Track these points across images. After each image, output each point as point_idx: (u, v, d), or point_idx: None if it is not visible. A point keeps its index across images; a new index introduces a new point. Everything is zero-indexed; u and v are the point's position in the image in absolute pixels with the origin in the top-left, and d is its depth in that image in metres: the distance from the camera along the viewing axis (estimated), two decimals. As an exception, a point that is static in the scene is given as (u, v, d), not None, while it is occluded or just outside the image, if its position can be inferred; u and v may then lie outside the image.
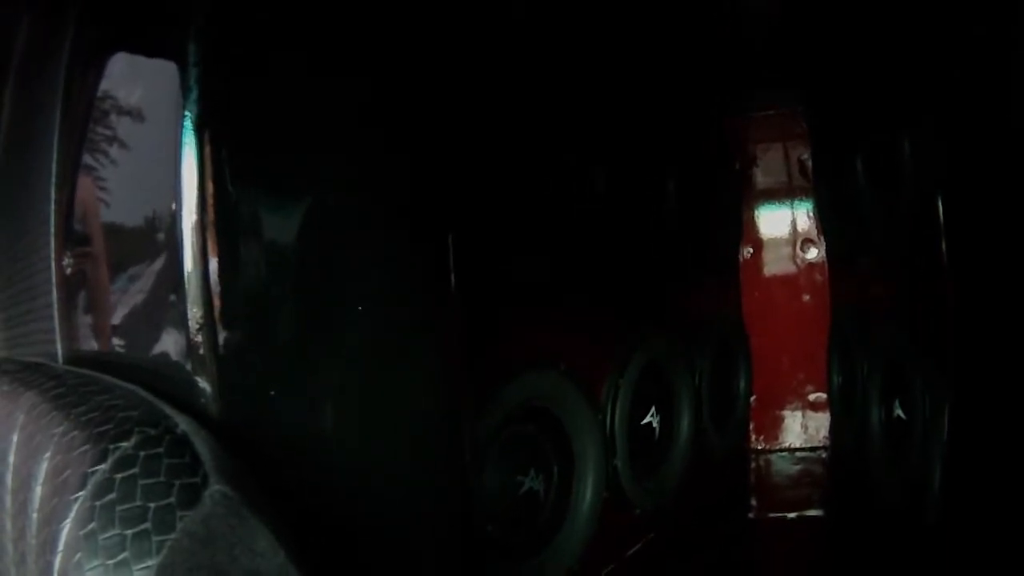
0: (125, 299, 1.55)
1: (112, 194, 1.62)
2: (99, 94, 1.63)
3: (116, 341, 1.61)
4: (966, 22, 2.43)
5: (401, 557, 1.76)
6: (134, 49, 1.60)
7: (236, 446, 1.22)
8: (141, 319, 1.52)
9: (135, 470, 1.06)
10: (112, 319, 1.61)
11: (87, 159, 1.64)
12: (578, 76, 2.97)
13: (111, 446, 1.09)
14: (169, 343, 1.42)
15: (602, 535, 2.86)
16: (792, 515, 4.19)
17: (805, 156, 4.48)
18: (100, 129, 1.62)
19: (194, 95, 1.38)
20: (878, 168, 3.29)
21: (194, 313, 1.35)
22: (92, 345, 1.66)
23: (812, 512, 4.19)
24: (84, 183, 1.66)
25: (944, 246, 2.51)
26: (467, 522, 2.15)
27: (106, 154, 1.62)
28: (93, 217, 1.67)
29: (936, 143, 2.66)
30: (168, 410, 1.21)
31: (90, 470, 1.07)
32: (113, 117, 1.60)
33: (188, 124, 1.37)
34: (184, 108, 1.38)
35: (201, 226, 1.36)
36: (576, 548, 2.75)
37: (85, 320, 1.69)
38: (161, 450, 1.08)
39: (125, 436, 1.11)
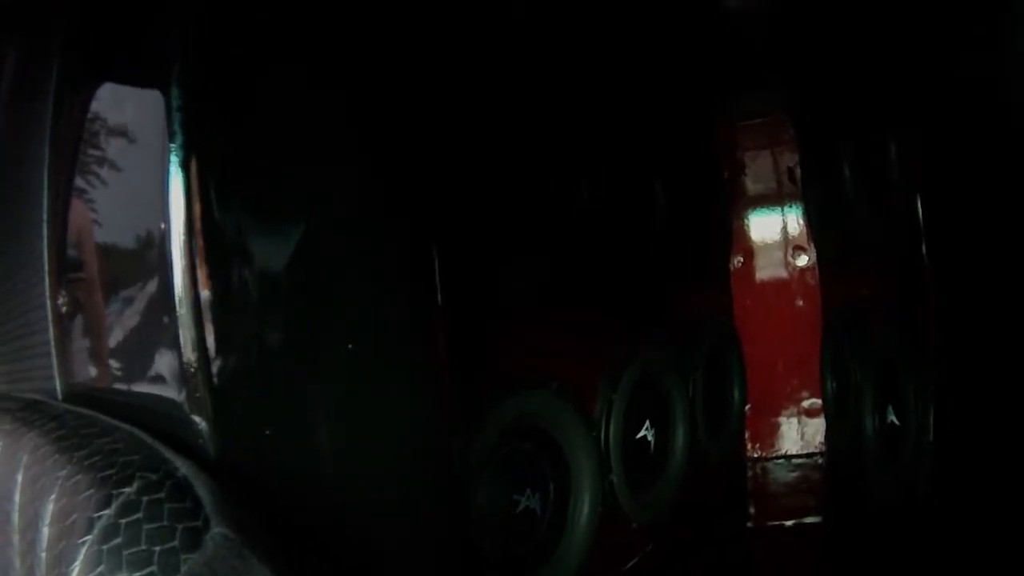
0: (120, 336, 1.56)
1: (104, 227, 1.62)
2: (87, 123, 1.63)
3: (113, 379, 1.62)
4: (950, 27, 2.45)
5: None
6: (120, 75, 1.60)
7: (234, 485, 1.24)
8: (136, 357, 1.53)
9: (139, 515, 1.08)
10: (108, 357, 1.62)
11: (77, 191, 1.64)
12: (568, 86, 2.98)
13: (115, 491, 1.12)
14: (164, 383, 1.43)
15: (600, 550, 2.86)
16: (790, 523, 4.20)
17: (794, 163, 4.48)
18: (90, 159, 1.61)
19: (179, 120, 1.39)
20: (866, 172, 3.31)
21: (188, 354, 1.36)
22: (90, 383, 1.67)
23: (810, 519, 4.20)
24: (75, 216, 1.66)
25: (931, 249, 2.52)
26: (464, 542, 2.17)
27: (96, 185, 1.61)
28: (86, 251, 1.66)
29: (924, 146, 2.67)
30: (168, 454, 1.23)
31: (96, 515, 1.09)
32: (102, 146, 1.60)
33: (174, 150, 1.38)
34: (170, 134, 1.39)
35: (190, 256, 1.37)
36: (574, 564, 2.76)
37: (82, 357, 1.69)
38: (163, 495, 1.11)
39: (128, 481, 1.13)
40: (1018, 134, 2.18)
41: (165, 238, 1.38)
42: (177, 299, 1.37)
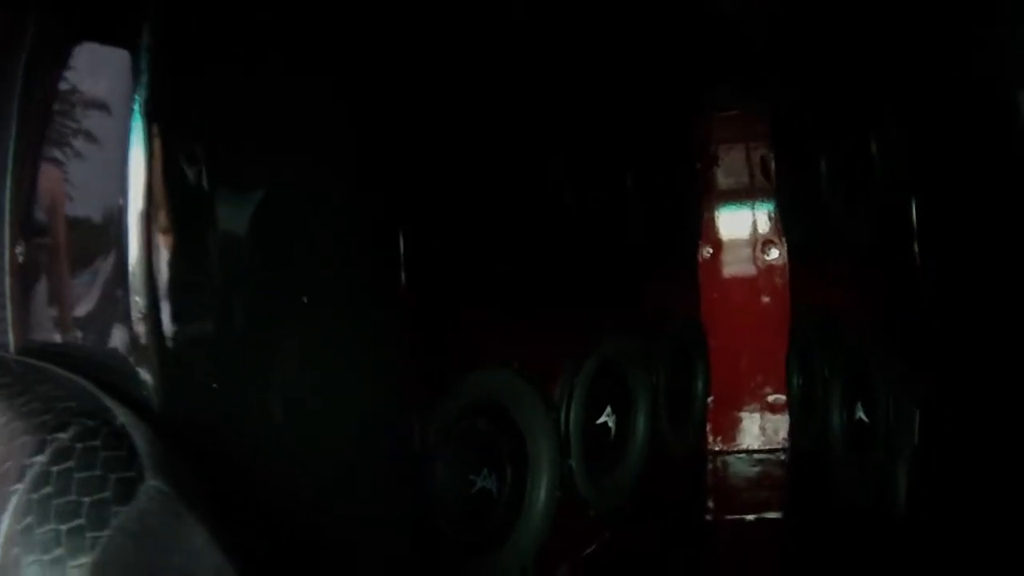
0: (75, 290, 1.54)
1: (67, 185, 1.61)
2: (58, 85, 1.62)
3: (65, 332, 1.59)
4: (933, 19, 2.44)
5: (350, 555, 1.75)
6: (91, 38, 1.58)
7: (177, 440, 1.21)
8: (89, 310, 1.50)
9: (71, 463, 1.05)
10: (62, 310, 1.60)
11: (44, 150, 1.63)
12: (537, 71, 2.96)
13: (49, 437, 1.08)
14: (114, 334, 1.41)
15: (557, 535, 2.84)
16: (751, 517, 4.18)
17: (767, 157, 4.48)
18: (58, 120, 1.61)
19: (145, 85, 1.38)
20: (843, 168, 3.30)
21: (137, 304, 1.35)
22: (42, 335, 1.64)
23: (771, 514, 4.19)
24: (40, 173, 1.65)
25: (918, 246, 2.51)
26: (418, 520, 2.14)
27: (63, 145, 1.60)
28: (47, 207, 1.66)
29: (907, 141, 2.66)
30: (108, 402, 1.19)
31: (28, 461, 1.06)
32: (71, 108, 1.59)
33: (138, 115, 1.37)
34: (134, 98, 1.38)
35: (147, 217, 1.36)
36: (530, 548, 2.74)
37: (36, 310, 1.67)
38: (98, 443, 1.07)
39: (63, 427, 1.10)
40: (1001, 131, 2.17)
41: (124, 195, 1.37)
42: (131, 254, 1.36)
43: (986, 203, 2.22)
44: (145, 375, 1.34)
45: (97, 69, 1.54)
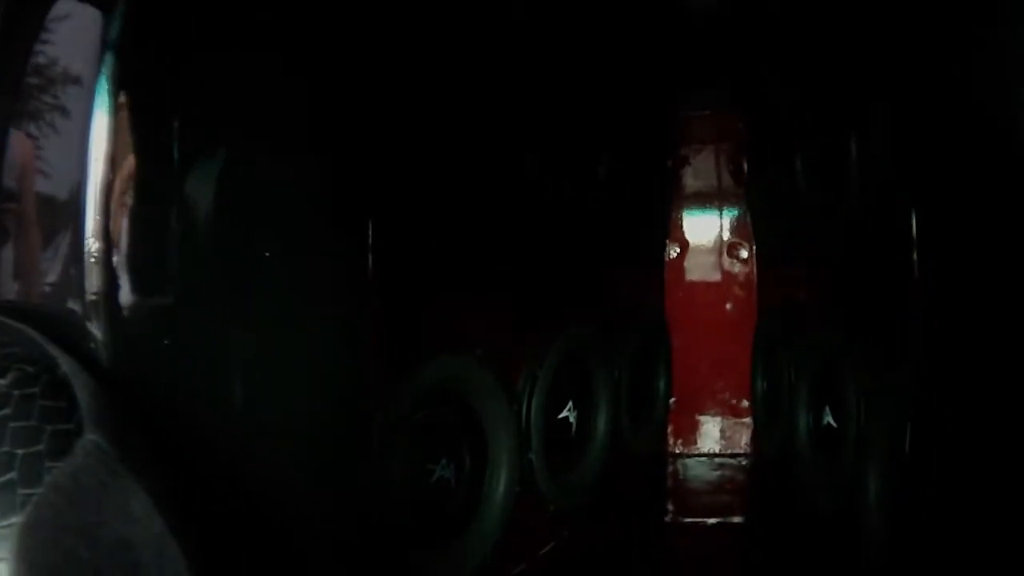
0: (30, 245, 1.51)
1: (31, 147, 1.57)
2: (32, 53, 1.58)
3: (19, 285, 1.55)
4: (914, 21, 2.43)
5: (299, 536, 1.71)
6: (59, 9, 1.55)
7: (122, 395, 1.17)
8: (43, 264, 1.47)
9: (7, 411, 0.99)
10: (17, 264, 1.55)
11: (16, 115, 1.59)
12: (508, 63, 2.93)
13: None
14: (64, 289, 1.39)
15: (515, 530, 2.81)
16: (712, 520, 4.17)
17: (738, 158, 4.48)
18: (31, 87, 1.57)
19: (111, 57, 1.37)
20: (818, 167, 3.28)
21: (91, 257, 1.31)
22: (3, 291, 1.61)
23: (733, 519, 4.17)
24: (9, 137, 1.61)
25: (894, 247, 2.49)
26: (374, 505, 2.11)
27: (32, 111, 1.57)
28: (11, 167, 1.62)
29: (885, 141, 2.65)
30: (53, 350, 1.14)
31: None
32: (44, 76, 1.55)
33: (103, 86, 1.36)
34: (100, 70, 1.36)
35: (107, 174, 1.34)
36: (488, 541, 2.70)
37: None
38: (36, 390, 1.02)
39: (2, 372, 1.04)
40: (985, 131, 2.16)
41: (85, 155, 1.35)
42: (87, 210, 1.34)
43: (964, 202, 2.21)
44: (94, 327, 1.30)
45: (63, 44, 1.51)
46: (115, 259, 1.33)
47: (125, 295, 1.33)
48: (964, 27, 2.24)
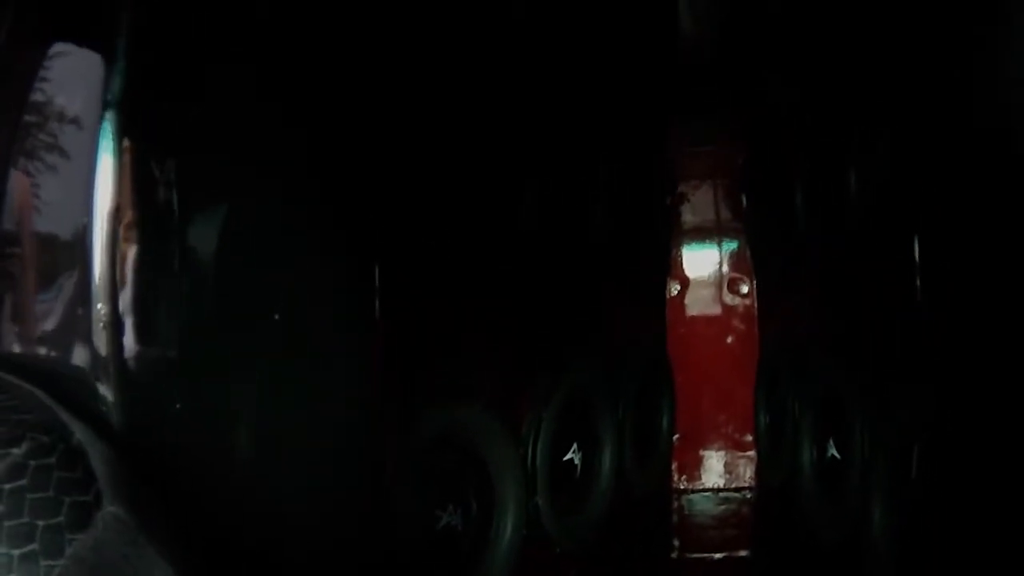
0: (39, 300, 1.51)
1: (34, 196, 1.58)
2: (28, 98, 1.58)
3: (27, 343, 1.54)
4: (908, 49, 2.45)
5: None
6: (62, 52, 1.56)
7: (137, 461, 1.18)
8: (52, 321, 1.46)
9: (24, 481, 1.00)
10: (25, 320, 1.56)
11: (12, 159, 1.59)
12: (510, 107, 2.95)
13: (1, 451, 1.04)
14: (76, 347, 1.38)
15: (522, 573, 2.80)
16: (718, 556, 4.16)
17: (736, 193, 4.49)
18: (27, 130, 1.57)
19: (115, 101, 1.37)
20: (817, 200, 3.29)
21: (99, 315, 1.32)
22: (4, 345, 1.61)
23: (738, 553, 4.17)
24: (7, 183, 1.62)
25: (896, 279, 2.50)
26: (383, 553, 2.11)
27: (32, 156, 1.58)
28: (14, 217, 1.62)
29: (884, 171, 2.65)
30: (65, 416, 1.15)
31: None
32: (41, 121, 1.56)
33: (107, 127, 1.36)
34: (104, 114, 1.36)
35: (113, 229, 1.34)
36: (496, 585, 2.70)
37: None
38: (52, 461, 1.03)
39: (17, 442, 1.06)
40: (974, 160, 2.17)
41: (91, 209, 1.35)
42: (96, 266, 1.34)
43: (966, 232, 2.22)
44: (105, 390, 1.30)
45: (68, 80, 1.52)
46: (125, 318, 1.33)
47: (136, 356, 1.33)
48: (962, 53, 2.26)
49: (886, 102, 2.66)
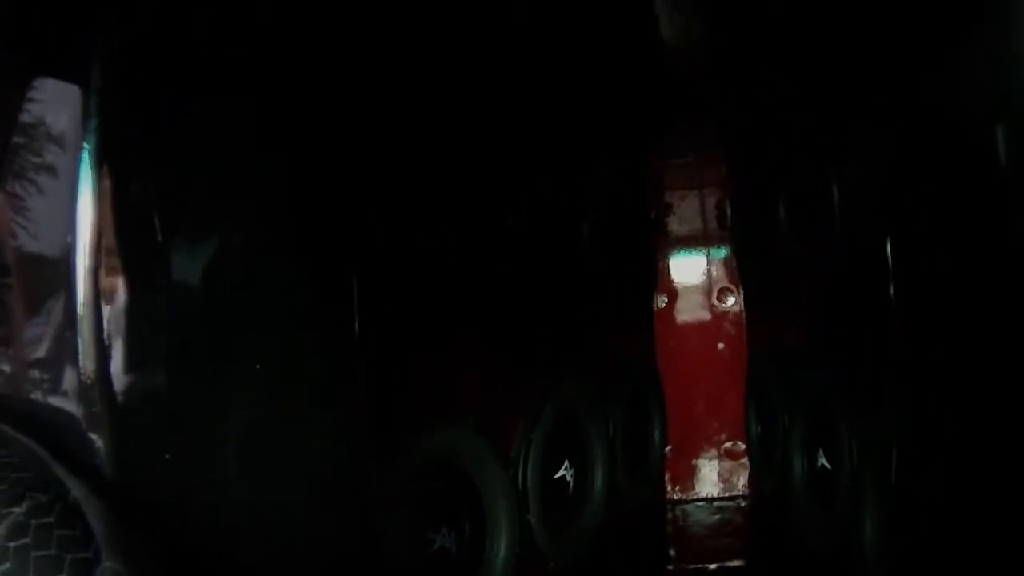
0: (28, 340, 1.50)
1: (20, 227, 1.58)
2: (10, 124, 1.59)
3: (16, 387, 1.54)
4: (895, 53, 2.46)
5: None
6: (42, 78, 1.56)
7: (129, 511, 1.20)
8: (40, 365, 1.47)
9: (27, 539, 1.04)
10: (14, 362, 1.55)
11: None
12: (495, 122, 2.98)
13: (3, 510, 1.07)
14: (64, 394, 1.39)
15: (517, 592, 2.82)
16: (713, 566, 4.18)
17: (722, 204, 4.51)
18: (10, 160, 1.58)
19: (94, 126, 1.38)
20: (802, 208, 3.32)
21: (87, 365, 1.34)
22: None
23: (733, 562, 4.18)
24: None
25: (884, 285, 2.51)
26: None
27: (14, 185, 1.59)
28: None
29: (870, 178, 2.67)
30: (61, 473, 1.18)
31: None
32: (22, 148, 1.56)
33: (87, 156, 1.37)
34: (84, 140, 1.38)
35: (95, 267, 1.36)
36: (490, 606, 2.72)
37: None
38: (51, 520, 1.07)
39: (17, 501, 1.09)
40: (968, 164, 2.18)
41: (73, 244, 1.36)
42: (80, 309, 1.35)
43: (956, 236, 2.23)
44: (98, 441, 1.32)
45: (47, 113, 1.51)
46: (114, 369, 1.35)
47: (128, 406, 1.35)
48: (941, 60, 2.28)
49: (864, 110, 2.69)
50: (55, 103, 1.50)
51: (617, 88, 3.65)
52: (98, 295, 1.35)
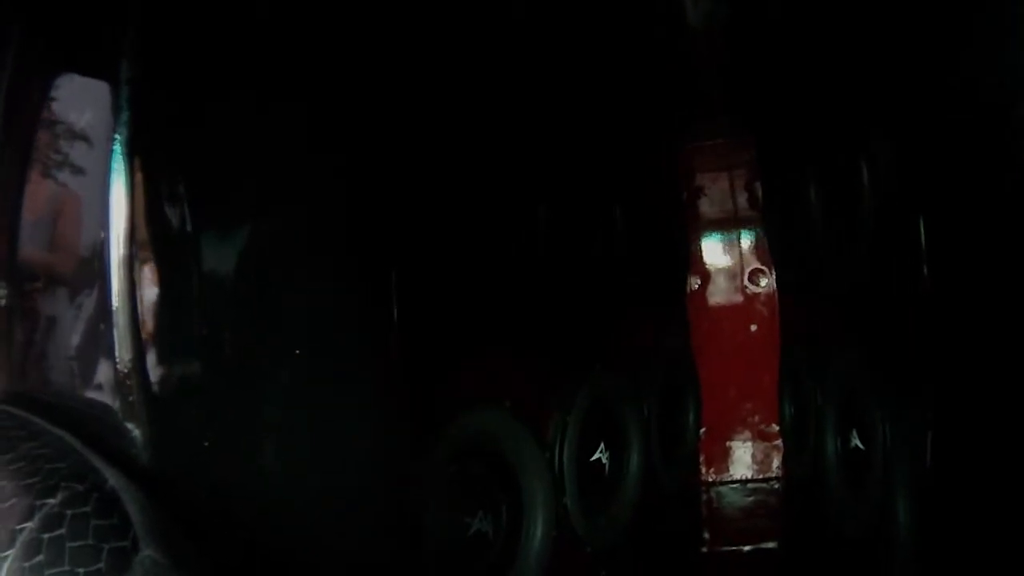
0: (60, 335, 1.51)
1: (51, 223, 1.58)
2: (40, 118, 1.59)
3: (51, 380, 1.56)
4: (922, 37, 2.43)
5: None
6: (72, 70, 1.57)
7: (167, 499, 1.19)
8: (74, 357, 1.48)
9: (63, 530, 1.02)
10: (48, 356, 1.56)
11: (27, 186, 1.60)
12: (526, 115, 2.96)
13: (38, 502, 1.06)
14: (100, 387, 1.38)
15: (553, 574, 2.81)
16: (747, 548, 4.16)
17: (753, 185, 4.48)
18: (41, 154, 1.58)
19: (125, 119, 1.37)
20: (833, 192, 3.29)
21: (123, 356, 1.32)
22: (27, 382, 1.60)
23: (767, 544, 4.16)
24: (23, 212, 1.62)
25: (916, 267, 2.49)
26: (415, 565, 2.12)
27: (46, 181, 1.58)
28: (31, 245, 1.63)
29: (901, 162, 2.65)
30: (97, 462, 1.17)
31: (18, 527, 1.04)
32: (53, 142, 1.57)
33: (118, 149, 1.35)
34: (115, 133, 1.36)
35: (129, 259, 1.34)
36: (527, 588, 2.71)
37: (20, 355, 1.63)
38: (88, 509, 1.05)
39: (52, 492, 1.07)
40: (997, 148, 2.15)
41: (106, 237, 1.35)
42: (115, 301, 1.34)
43: (986, 220, 2.20)
44: (134, 430, 1.31)
45: (77, 106, 1.52)
46: (150, 359, 1.33)
47: (164, 395, 1.34)
48: (966, 41, 2.25)
49: (893, 96, 2.66)
50: (85, 96, 1.50)
51: (646, 76, 3.62)
52: (133, 286, 1.33)
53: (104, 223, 1.35)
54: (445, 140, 2.50)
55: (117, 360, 1.33)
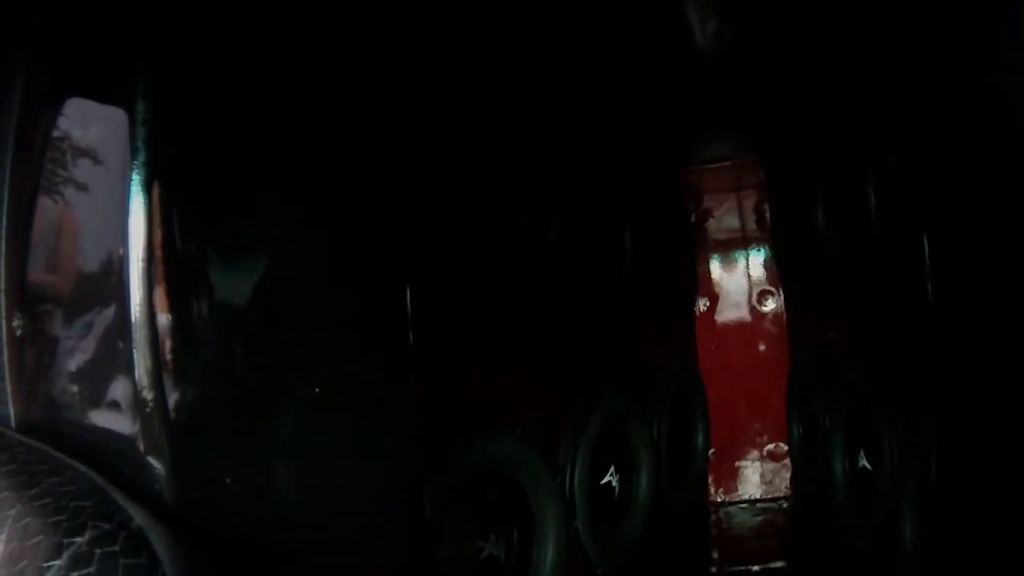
0: (77, 364, 1.50)
1: (65, 248, 1.58)
2: (52, 139, 1.58)
3: (69, 411, 1.54)
4: (925, 51, 2.44)
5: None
6: (86, 91, 1.56)
7: (192, 536, 1.20)
8: (93, 389, 1.47)
9: (91, 569, 1.03)
10: (64, 386, 1.55)
11: (39, 208, 1.59)
12: (536, 135, 2.98)
13: (65, 540, 1.07)
14: (120, 419, 1.38)
15: (564, 597, 2.82)
16: (756, 568, 4.16)
17: (761, 207, 4.49)
18: (53, 176, 1.57)
19: (143, 143, 1.36)
20: (839, 210, 3.30)
21: (144, 391, 1.32)
22: (45, 413, 1.59)
23: (776, 564, 4.17)
24: (35, 235, 1.61)
25: (923, 286, 2.49)
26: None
27: (59, 203, 1.58)
28: (45, 272, 1.62)
29: (907, 178, 2.66)
30: (122, 500, 1.18)
31: (46, 564, 1.05)
32: (66, 163, 1.55)
33: (136, 175, 1.35)
34: (132, 152, 1.36)
35: (148, 284, 1.33)
36: (538, 612, 2.72)
37: (37, 384, 1.61)
38: (116, 548, 1.06)
39: (79, 530, 1.08)
40: (1002, 162, 2.16)
41: (124, 263, 1.34)
42: (134, 330, 1.33)
43: (995, 233, 2.21)
44: (157, 467, 1.31)
45: (94, 125, 1.52)
46: (170, 393, 1.33)
47: (186, 429, 1.34)
48: (966, 41, 2.26)
49: (896, 110, 2.67)
50: (102, 116, 1.50)
51: (655, 98, 3.63)
52: (153, 319, 1.33)
53: (123, 247, 1.34)
54: (458, 163, 2.52)
55: (138, 394, 1.32)
